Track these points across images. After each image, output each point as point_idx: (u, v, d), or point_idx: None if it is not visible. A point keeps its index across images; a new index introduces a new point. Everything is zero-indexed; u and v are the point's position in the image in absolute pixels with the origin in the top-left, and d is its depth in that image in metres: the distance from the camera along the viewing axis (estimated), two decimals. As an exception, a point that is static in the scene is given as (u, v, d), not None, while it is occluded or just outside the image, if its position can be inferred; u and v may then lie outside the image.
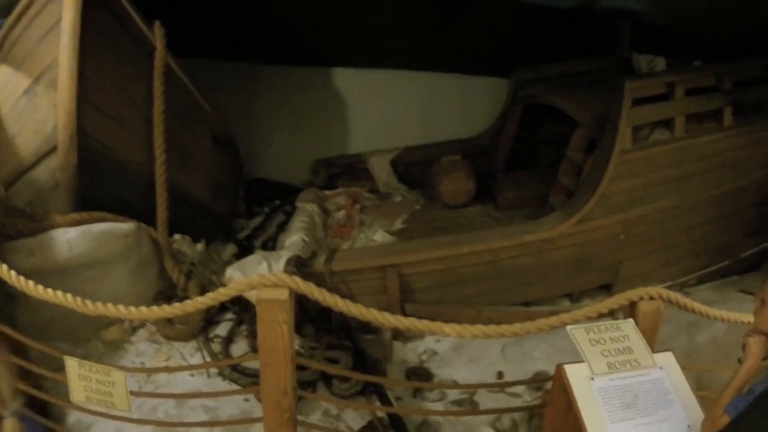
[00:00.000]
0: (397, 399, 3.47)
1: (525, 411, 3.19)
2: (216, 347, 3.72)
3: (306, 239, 4.29)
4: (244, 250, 5.05)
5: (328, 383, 3.44)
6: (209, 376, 3.44)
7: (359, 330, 3.87)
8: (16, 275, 2.51)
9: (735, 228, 4.66)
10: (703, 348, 4.02)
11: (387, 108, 6.59)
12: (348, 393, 3.35)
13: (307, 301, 3.58)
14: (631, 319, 2.33)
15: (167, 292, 4.01)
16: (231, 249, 5.06)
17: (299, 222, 4.78)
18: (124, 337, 3.69)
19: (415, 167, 6.34)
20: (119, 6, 3.88)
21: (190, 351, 3.67)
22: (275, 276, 2.05)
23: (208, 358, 3.58)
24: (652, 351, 2.18)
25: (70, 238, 3.43)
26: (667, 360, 2.20)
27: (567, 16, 5.34)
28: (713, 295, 4.51)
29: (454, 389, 3.54)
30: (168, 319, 3.80)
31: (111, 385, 2.19)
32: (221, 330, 3.92)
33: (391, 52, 6.22)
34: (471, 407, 3.49)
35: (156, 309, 2.28)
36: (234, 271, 3.90)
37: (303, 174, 6.45)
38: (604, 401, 1.98)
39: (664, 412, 2.02)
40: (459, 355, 3.92)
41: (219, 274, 4.55)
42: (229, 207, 5.49)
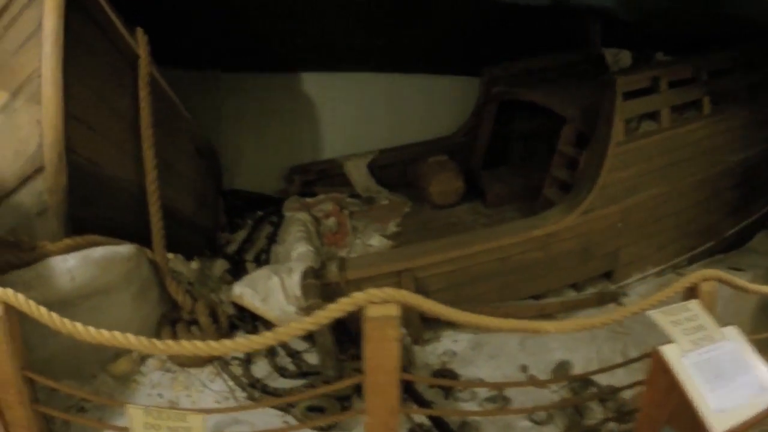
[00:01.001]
0: (431, 403, 3.32)
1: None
2: (236, 369, 3.41)
3: (312, 249, 4.04)
4: (235, 265, 4.72)
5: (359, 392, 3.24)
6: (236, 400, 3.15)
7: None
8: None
9: (718, 209, 4.79)
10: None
11: (356, 111, 6.43)
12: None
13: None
14: (697, 300, 2.46)
15: (171, 315, 3.66)
16: (221, 265, 4.70)
17: (296, 232, 4.51)
18: (134, 369, 3.32)
19: (391, 169, 6.23)
20: (99, 10, 3.47)
21: (208, 377, 3.34)
22: (383, 291, 1.83)
23: (230, 381, 3.27)
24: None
25: (70, 266, 3.04)
26: (733, 332, 2.37)
27: (535, 12, 5.32)
28: None
29: (497, 387, 3.42)
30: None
31: (187, 432, 1.90)
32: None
33: (357, 54, 6.04)
34: (503, 404, 3.39)
35: (268, 334, 1.97)
36: (244, 288, 3.61)
37: (274, 182, 6.19)
38: (698, 375, 2.12)
39: (744, 377, 2.20)
40: (479, 353, 3.81)
41: (216, 292, 4.24)
42: (212, 220, 5.13)
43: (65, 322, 2.11)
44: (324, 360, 3.32)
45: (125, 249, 3.36)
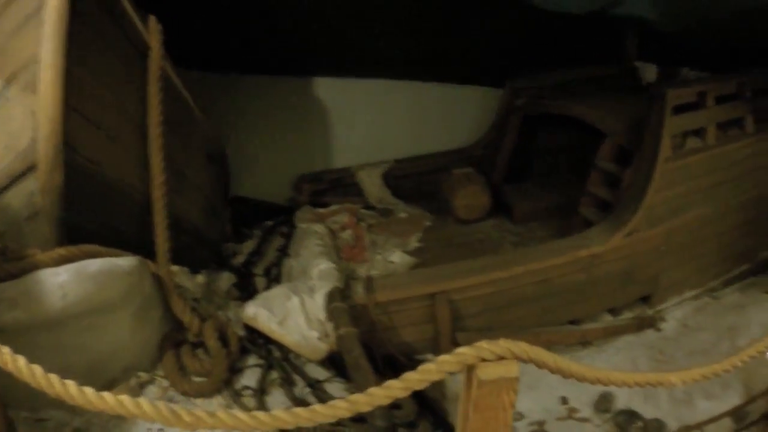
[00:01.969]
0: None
1: None
2: (248, 401, 2.87)
3: (334, 266, 3.54)
4: (243, 278, 4.21)
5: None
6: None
7: (409, 365, 3.18)
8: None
9: (755, 232, 4.41)
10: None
11: (372, 119, 5.98)
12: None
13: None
14: None
15: (174, 336, 3.11)
16: (228, 278, 4.18)
17: (314, 246, 4.01)
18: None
19: (407, 180, 5.79)
20: (110, -7, 2.98)
21: (217, 409, 2.78)
22: (497, 345, 1.34)
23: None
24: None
25: (62, 281, 2.50)
26: None
27: (568, 23, 4.96)
28: (741, 299, 4.25)
29: None
30: (184, 372, 2.93)
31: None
32: (248, 379, 3.05)
33: (375, 60, 5.62)
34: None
35: (358, 398, 1.43)
36: (258, 308, 3.11)
37: (282, 191, 5.68)
38: None
39: None
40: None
41: (224, 309, 3.71)
42: (220, 231, 4.60)
43: (53, 380, 1.47)
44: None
45: (126, 262, 2.82)
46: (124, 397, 1.34)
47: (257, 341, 3.29)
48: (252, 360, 3.19)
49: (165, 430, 2.65)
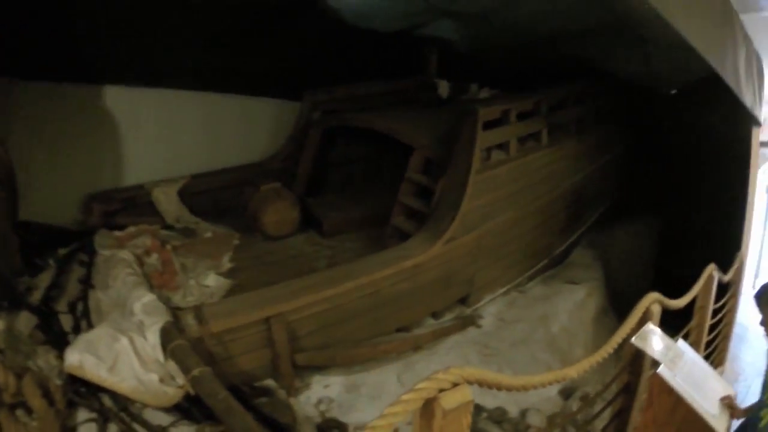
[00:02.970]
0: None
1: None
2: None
3: (155, 297, 3.45)
4: (45, 318, 3.81)
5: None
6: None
7: (253, 394, 3.30)
8: None
9: (552, 230, 5.23)
10: (558, 336, 4.42)
11: (165, 132, 5.72)
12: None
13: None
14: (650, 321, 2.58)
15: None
16: (27, 319, 3.76)
17: (125, 276, 3.84)
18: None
19: (204, 196, 5.67)
20: None
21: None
22: (452, 374, 1.45)
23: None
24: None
25: None
26: (684, 345, 2.65)
27: (363, 38, 5.29)
28: (546, 290, 5.05)
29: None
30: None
31: None
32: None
33: (171, 69, 5.40)
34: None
35: None
36: (83, 354, 2.96)
37: (68, 212, 5.16)
38: (691, 389, 2.29)
39: (710, 383, 2.46)
40: (357, 396, 3.63)
41: (33, 357, 3.42)
42: (10, 263, 4.14)
43: None
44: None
45: None
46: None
47: (82, 391, 3.11)
48: (83, 414, 3.00)
49: None
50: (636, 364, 2.69)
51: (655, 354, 2.31)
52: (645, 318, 2.64)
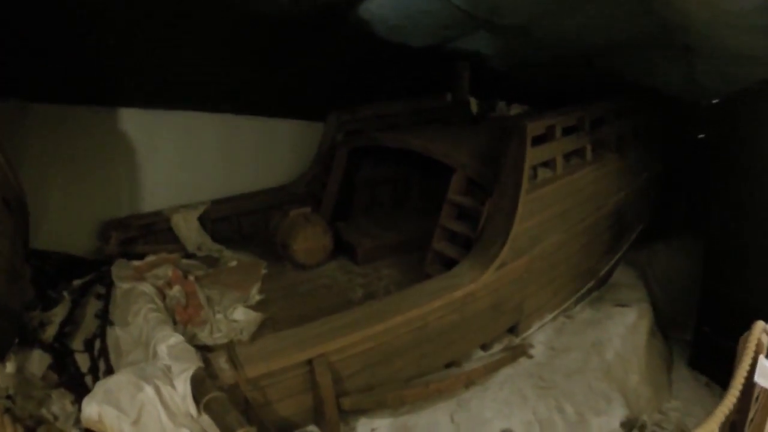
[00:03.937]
0: None
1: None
2: None
3: (183, 338, 3.08)
4: (59, 357, 3.51)
5: None
6: None
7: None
8: None
9: (597, 251, 4.92)
10: (613, 363, 4.10)
11: (183, 156, 5.48)
12: None
13: None
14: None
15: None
16: (40, 358, 3.47)
17: (147, 312, 3.51)
18: None
19: (226, 223, 5.47)
20: None
21: None
22: None
23: None
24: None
25: None
26: None
27: (405, 55, 5.05)
28: (594, 314, 4.76)
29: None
30: None
31: None
32: None
33: (190, 91, 5.15)
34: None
35: None
36: (102, 406, 2.57)
37: (85, 241, 4.96)
38: None
39: None
40: (411, 440, 3.24)
41: (47, 403, 3.06)
42: (22, 297, 3.79)
43: None
44: None
45: None
46: None
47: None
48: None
49: None
50: (745, 400, 2.40)
51: None
52: (757, 351, 2.34)
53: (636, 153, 5.26)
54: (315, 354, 3.02)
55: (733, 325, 4.32)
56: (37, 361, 3.44)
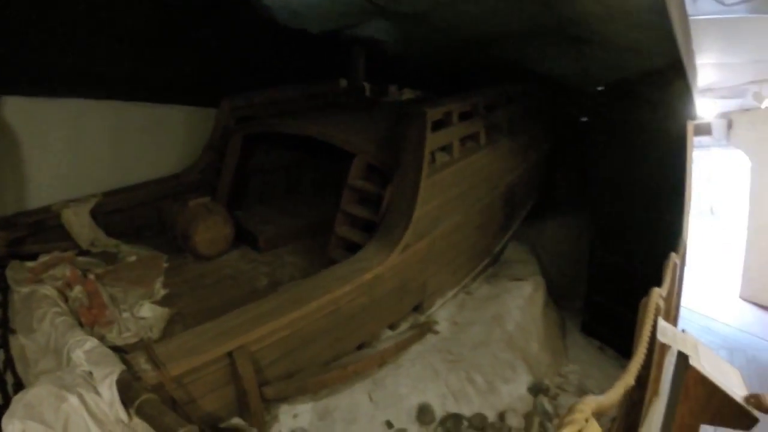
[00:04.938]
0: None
1: None
2: None
3: (98, 341, 3.08)
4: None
5: None
6: None
7: (220, 434, 3.07)
8: None
9: (492, 229, 5.34)
10: (515, 333, 4.55)
11: (70, 146, 5.24)
12: None
13: None
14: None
15: None
16: (-56, 374, 3.29)
17: (53, 316, 3.40)
18: None
19: (118, 215, 5.32)
20: None
21: None
22: (579, 408, 1.32)
23: None
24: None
25: None
26: (693, 336, 2.60)
27: (297, 41, 5.14)
28: (492, 289, 5.19)
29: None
30: None
31: None
32: None
33: (76, 76, 4.92)
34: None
35: None
36: (25, 423, 2.53)
37: None
38: (720, 378, 2.27)
39: (728, 370, 2.43)
40: (333, 422, 3.49)
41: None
42: None
43: None
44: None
45: None
46: None
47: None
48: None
49: None
50: (648, 359, 2.78)
51: (687, 349, 2.39)
52: (656, 313, 2.72)
53: (526, 135, 5.74)
54: (235, 346, 3.12)
55: (621, 290, 4.95)
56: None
